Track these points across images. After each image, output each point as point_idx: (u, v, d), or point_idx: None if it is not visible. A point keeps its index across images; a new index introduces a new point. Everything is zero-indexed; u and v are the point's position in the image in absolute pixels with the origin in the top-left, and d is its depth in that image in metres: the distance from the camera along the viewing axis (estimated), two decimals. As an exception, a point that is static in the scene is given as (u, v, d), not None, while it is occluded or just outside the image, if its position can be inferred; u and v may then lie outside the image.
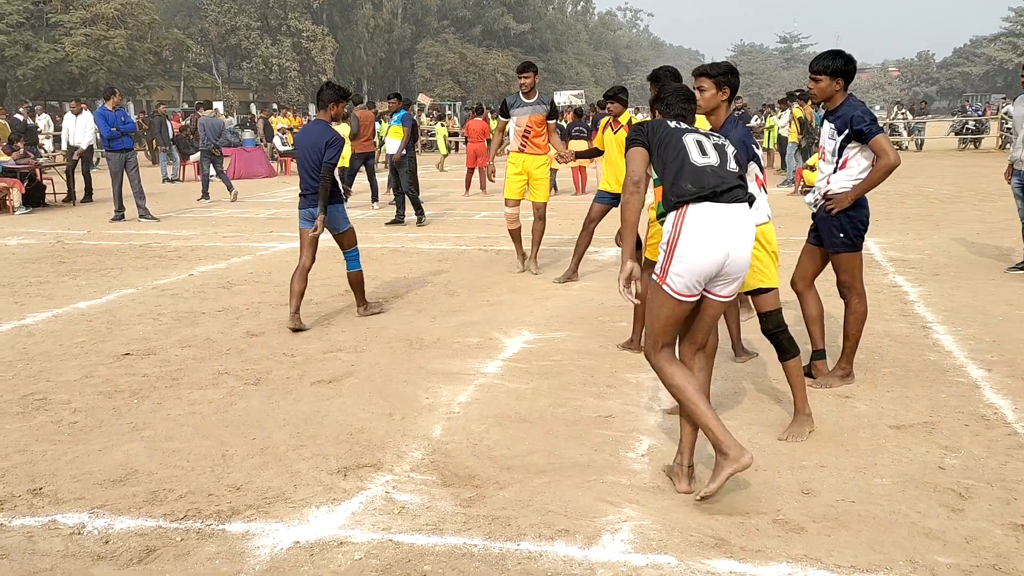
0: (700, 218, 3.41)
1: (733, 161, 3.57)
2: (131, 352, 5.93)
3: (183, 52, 50.32)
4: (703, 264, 3.40)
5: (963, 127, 29.45)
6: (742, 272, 3.51)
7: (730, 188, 3.45)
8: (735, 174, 3.52)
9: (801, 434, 4.23)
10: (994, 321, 6.33)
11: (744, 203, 3.51)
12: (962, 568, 3.02)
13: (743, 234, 3.47)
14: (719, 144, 3.59)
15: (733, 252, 3.42)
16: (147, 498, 3.67)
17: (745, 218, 3.49)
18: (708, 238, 3.40)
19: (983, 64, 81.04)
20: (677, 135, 3.54)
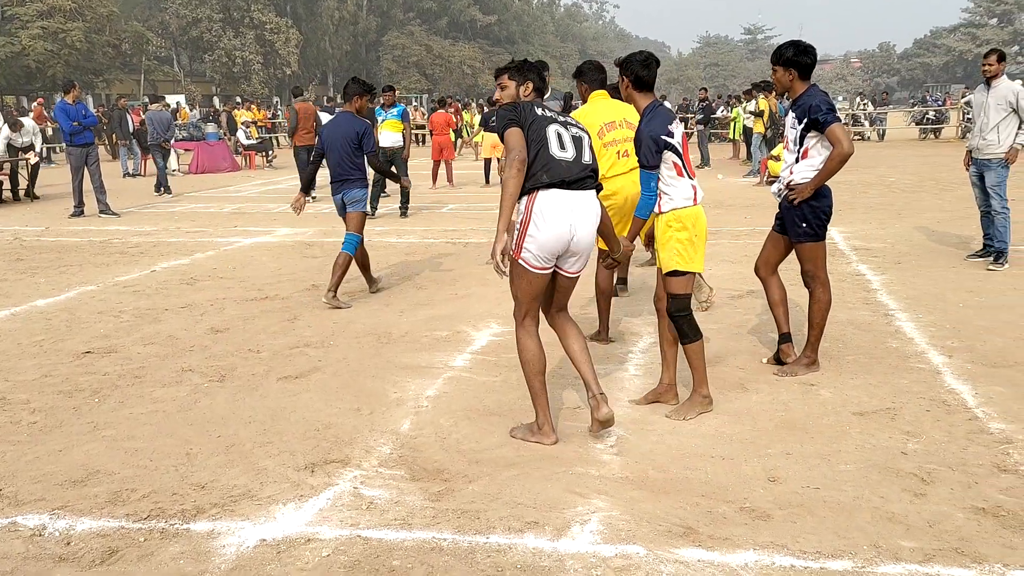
0: (549, 202, 3.84)
1: (588, 153, 3.97)
2: (92, 350, 5.83)
3: (143, 45, 49.56)
4: (552, 242, 3.85)
5: (923, 117, 29.86)
6: (586, 249, 3.96)
7: (580, 179, 3.89)
8: (587, 166, 3.93)
9: (688, 412, 4.40)
10: (954, 308, 6.43)
11: (591, 191, 3.96)
12: (925, 552, 3.06)
13: (587, 216, 3.91)
14: (577, 136, 3.97)
15: (578, 232, 3.87)
16: (109, 498, 3.61)
17: (590, 203, 3.94)
18: (556, 220, 3.83)
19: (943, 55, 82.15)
20: (542, 123, 3.89)
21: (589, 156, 3.96)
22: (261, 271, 8.60)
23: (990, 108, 7.77)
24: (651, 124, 4.31)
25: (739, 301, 6.85)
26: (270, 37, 55.48)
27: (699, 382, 4.45)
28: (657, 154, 4.28)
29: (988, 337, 5.64)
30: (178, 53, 60.21)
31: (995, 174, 7.87)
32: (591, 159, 3.97)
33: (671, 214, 4.37)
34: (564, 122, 3.99)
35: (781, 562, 3.01)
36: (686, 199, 4.38)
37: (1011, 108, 7.65)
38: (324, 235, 10.99)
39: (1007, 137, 7.72)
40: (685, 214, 4.37)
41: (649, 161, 4.28)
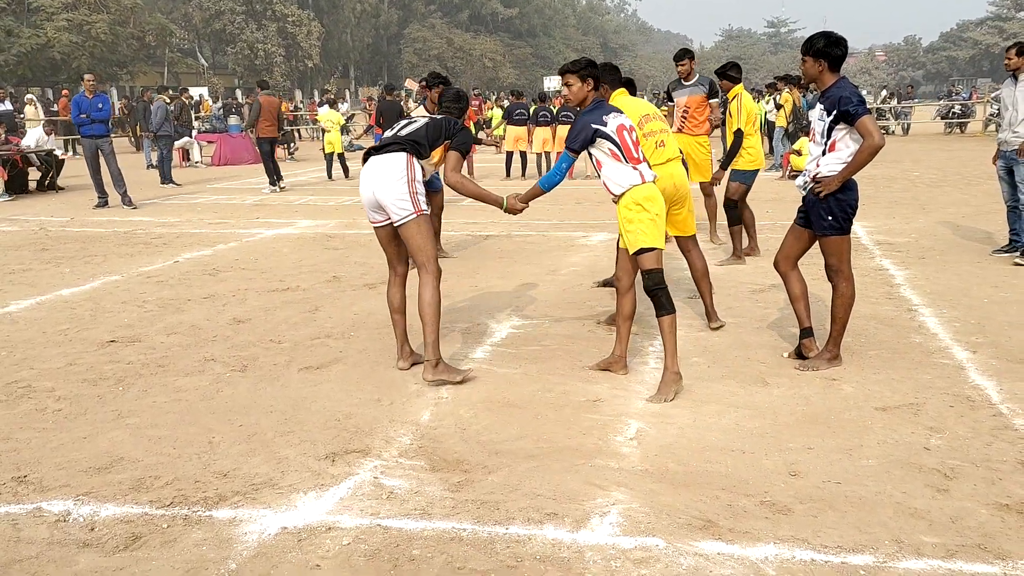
0: (363, 169, 4.85)
1: (408, 131, 4.87)
2: (116, 339, 5.89)
3: (166, 37, 49.84)
4: (364, 199, 4.83)
5: (949, 111, 29.52)
6: (387, 200, 4.69)
7: (383, 146, 4.80)
8: (398, 138, 4.82)
9: (667, 394, 4.53)
10: (979, 303, 6.36)
11: (392, 153, 4.74)
12: (947, 547, 3.04)
13: (376, 173, 4.74)
14: (411, 121, 4.98)
15: (376, 188, 4.72)
16: (133, 485, 3.65)
17: (382, 163, 4.73)
18: (363, 181, 4.82)
19: (969, 48, 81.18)
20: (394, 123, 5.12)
21: (407, 132, 4.85)
22: (283, 262, 8.65)
23: (1019, 102, 7.65)
24: (592, 114, 4.70)
25: (760, 295, 6.81)
26: (292, 30, 55.68)
27: (671, 359, 4.63)
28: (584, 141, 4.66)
29: (1013, 333, 5.58)
30: (201, 45, 60.54)
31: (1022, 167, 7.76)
32: (408, 134, 4.84)
33: (627, 196, 4.66)
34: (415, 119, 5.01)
35: (802, 556, 3.00)
36: (631, 181, 4.66)
37: None
38: (345, 227, 11.03)
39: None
40: (640, 195, 4.64)
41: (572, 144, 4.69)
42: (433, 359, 4.74)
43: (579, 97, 4.79)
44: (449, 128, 4.96)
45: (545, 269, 8.11)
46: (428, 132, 4.87)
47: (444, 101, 5.28)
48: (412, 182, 4.71)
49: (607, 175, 4.72)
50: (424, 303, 4.73)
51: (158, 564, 3.04)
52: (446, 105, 5.25)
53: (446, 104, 5.26)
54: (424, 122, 4.91)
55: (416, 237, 4.73)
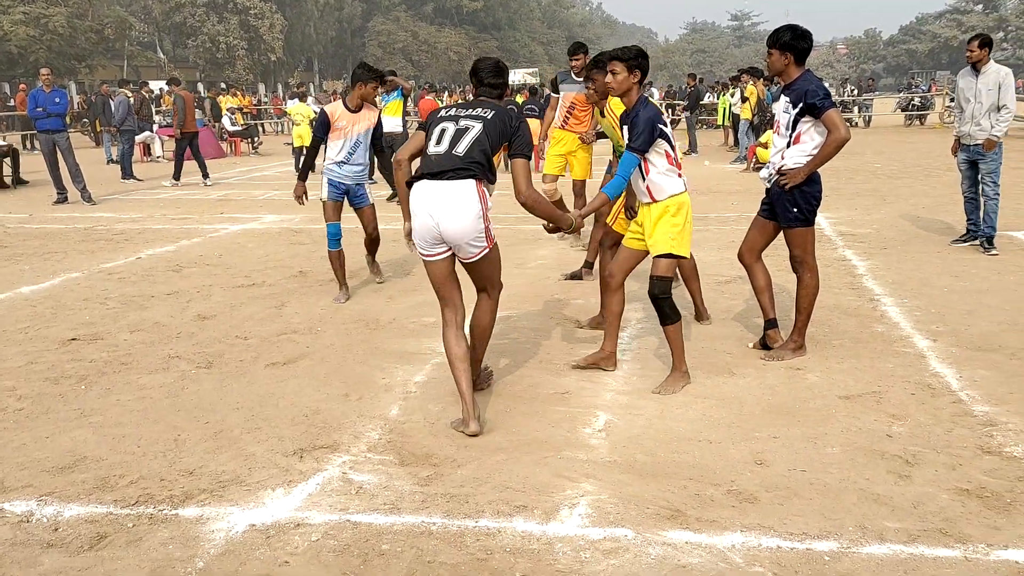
0: (416, 194, 4.04)
1: (466, 144, 3.99)
2: (77, 337, 5.80)
3: (125, 30, 49.08)
4: (422, 229, 4.03)
5: (909, 104, 29.96)
6: (461, 239, 3.99)
7: (443, 171, 3.96)
8: (457, 158, 3.97)
9: (674, 388, 4.55)
10: (939, 293, 6.48)
11: (459, 180, 3.95)
12: (910, 532, 3.09)
13: (447, 206, 3.95)
14: (463, 128, 4.03)
15: (440, 221, 3.96)
16: (97, 484, 3.60)
17: (451, 194, 3.95)
18: (419, 209, 4.01)
19: (928, 41, 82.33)
20: (434, 125, 4.11)
21: (463, 147, 3.97)
22: (248, 258, 8.56)
23: (981, 94, 7.65)
24: (647, 111, 4.40)
25: (726, 287, 6.87)
26: (254, 23, 55.02)
27: (679, 360, 4.64)
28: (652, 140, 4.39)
29: (972, 321, 5.69)
30: (161, 39, 59.66)
31: (991, 160, 7.79)
32: (466, 149, 3.97)
33: (670, 200, 4.50)
34: (457, 116, 4.09)
35: (768, 543, 3.04)
36: (683, 187, 4.55)
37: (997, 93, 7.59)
38: (311, 222, 10.94)
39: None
40: (682, 200, 4.54)
41: (642, 145, 4.37)
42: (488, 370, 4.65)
43: (622, 88, 4.46)
44: (509, 127, 4.08)
45: (512, 263, 8.10)
46: (490, 141, 4.02)
47: (483, 76, 4.22)
48: (486, 214, 4.02)
49: (656, 178, 4.46)
50: (485, 325, 4.35)
51: (124, 564, 3.00)
52: (488, 82, 4.22)
53: (488, 80, 4.22)
54: (479, 128, 4.00)
55: (488, 268, 4.20)
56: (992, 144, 7.69)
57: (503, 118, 4.06)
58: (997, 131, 7.65)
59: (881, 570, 2.87)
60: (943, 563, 2.90)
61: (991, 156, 7.78)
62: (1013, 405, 4.26)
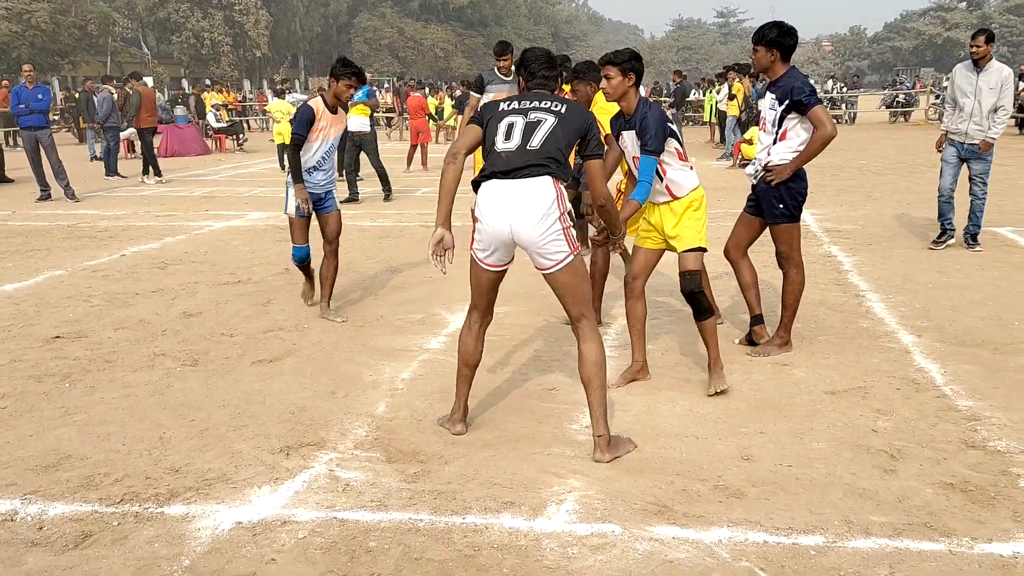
0: (486, 194, 3.64)
1: (541, 138, 3.60)
2: (61, 335, 5.75)
3: (109, 26, 48.67)
4: (493, 234, 3.65)
5: (893, 100, 30.13)
6: (537, 243, 3.58)
7: (516, 168, 3.57)
8: (532, 152, 3.58)
9: (723, 384, 4.44)
10: (923, 289, 6.52)
11: (535, 178, 3.56)
12: (895, 526, 3.11)
13: (522, 207, 3.56)
14: (534, 121, 3.64)
15: (514, 224, 3.57)
16: (82, 483, 3.58)
17: (527, 192, 3.56)
18: (491, 211, 3.62)
19: (913, 38, 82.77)
20: (497, 119, 3.71)
21: (539, 141, 3.59)
22: (233, 255, 8.52)
23: (982, 92, 7.40)
24: (653, 113, 4.34)
25: (712, 283, 6.88)
26: (239, 18, 54.71)
27: (717, 355, 4.51)
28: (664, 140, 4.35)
29: (956, 317, 5.73)
30: (145, 34, 59.25)
31: (985, 160, 7.65)
32: (541, 143, 3.58)
33: (691, 195, 4.50)
34: (525, 109, 3.68)
35: (754, 538, 3.05)
36: (696, 181, 4.57)
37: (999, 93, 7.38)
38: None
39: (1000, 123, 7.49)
40: (701, 193, 4.57)
41: (657, 147, 4.30)
42: (606, 434, 3.71)
43: (617, 93, 4.34)
44: (584, 123, 3.70)
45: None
46: (565, 137, 3.65)
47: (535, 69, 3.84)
48: (564, 215, 3.61)
49: (674, 176, 4.45)
50: (593, 362, 3.69)
51: (109, 562, 2.99)
52: (542, 75, 3.84)
53: (541, 73, 3.84)
54: (553, 122, 3.63)
55: (575, 281, 3.69)
56: (988, 146, 7.53)
57: (577, 113, 3.70)
58: (994, 133, 7.48)
59: (866, 564, 2.88)
60: (928, 557, 2.92)
61: (986, 156, 7.64)
62: (996, 400, 4.30)
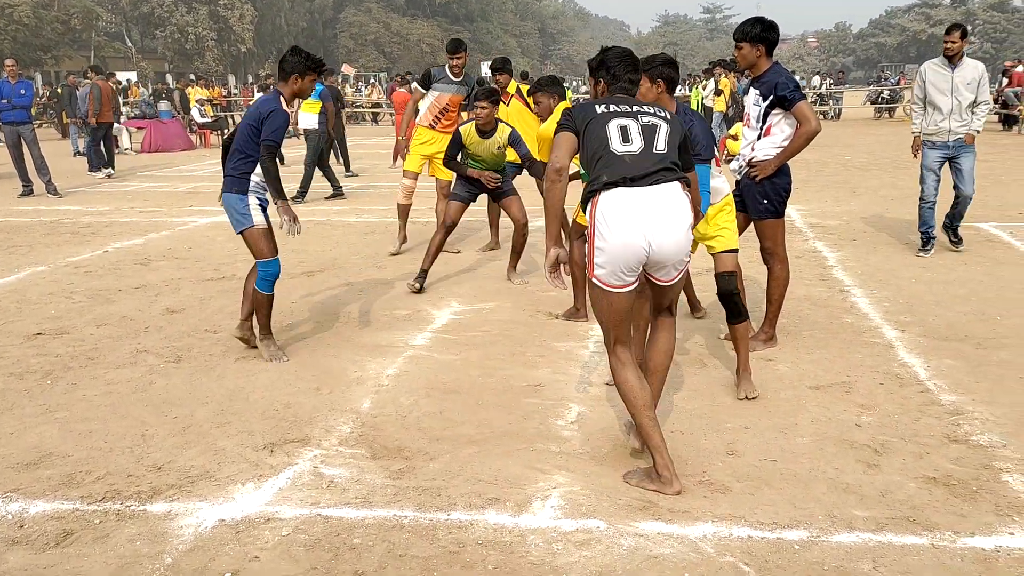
0: (613, 205, 3.19)
1: (664, 141, 3.30)
2: (43, 332, 5.70)
3: (92, 20, 48.33)
4: (624, 252, 3.17)
5: (878, 96, 30.26)
6: (676, 256, 3.26)
7: (648, 173, 3.20)
8: (660, 156, 3.26)
9: (752, 389, 4.35)
10: (907, 284, 6.55)
11: (668, 183, 3.23)
12: (878, 521, 3.12)
13: (663, 217, 3.19)
14: (650, 125, 3.31)
15: (655, 238, 3.17)
16: (63, 481, 3.55)
17: (666, 200, 3.20)
18: (623, 224, 3.17)
19: (897, 34, 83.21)
20: (602, 121, 3.30)
21: (664, 145, 3.29)
22: (217, 251, 8.47)
23: (960, 89, 7.20)
24: (695, 116, 4.33)
25: (696, 279, 6.88)
26: (224, 13, 54.41)
27: (746, 362, 4.44)
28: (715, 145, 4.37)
29: (939, 312, 5.76)
30: (129, 29, 58.82)
31: (972, 156, 7.42)
32: (666, 147, 3.30)
33: (725, 199, 4.58)
34: (636, 113, 3.34)
35: (739, 533, 3.06)
36: (728, 185, 4.63)
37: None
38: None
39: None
40: (730, 198, 4.64)
41: (710, 154, 4.28)
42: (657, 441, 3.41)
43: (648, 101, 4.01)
44: (683, 132, 3.48)
45: (486, 256, 8.10)
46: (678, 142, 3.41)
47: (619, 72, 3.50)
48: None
49: (715, 183, 4.45)
50: (671, 350, 3.60)
51: (90, 560, 2.96)
52: (628, 78, 3.52)
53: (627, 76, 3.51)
54: (667, 127, 3.35)
55: (681, 284, 3.50)
56: (972, 139, 7.33)
57: (677, 121, 3.45)
58: (977, 125, 7.31)
59: (850, 558, 2.89)
60: (910, 550, 2.93)
61: (971, 150, 7.40)
62: (979, 394, 4.32)
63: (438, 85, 7.82)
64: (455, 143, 6.66)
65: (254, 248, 5.00)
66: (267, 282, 5.04)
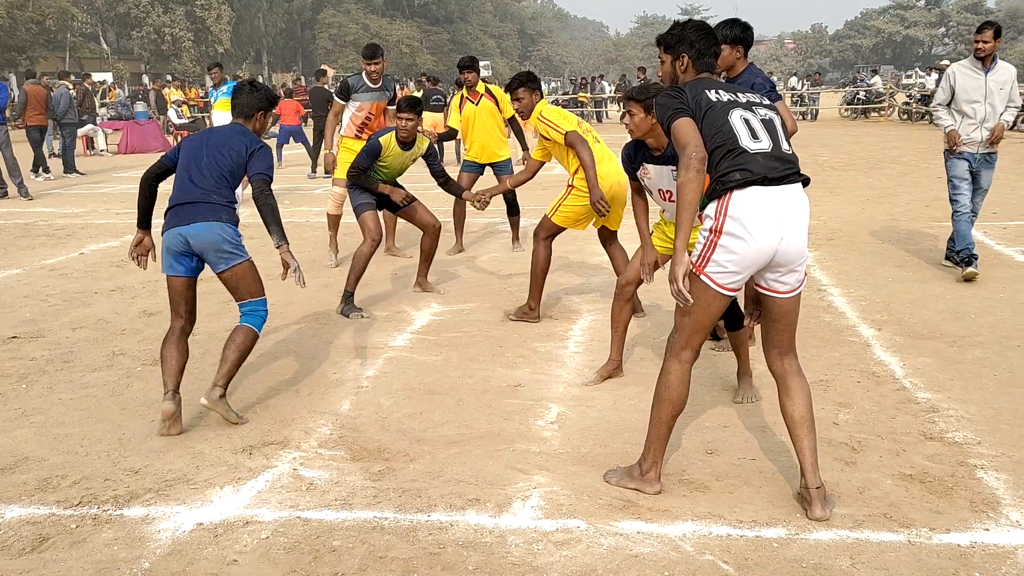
0: (750, 204, 3.02)
1: (785, 139, 3.18)
2: (17, 335, 5.64)
3: (68, 21, 47.86)
4: (757, 253, 3.04)
5: (854, 98, 30.52)
6: (797, 258, 3.12)
7: (783, 175, 3.06)
8: (790, 156, 3.14)
9: (755, 394, 4.36)
10: (884, 283, 6.61)
11: (796, 184, 3.12)
12: (855, 518, 3.15)
13: (794, 216, 3.07)
14: (768, 119, 3.16)
15: (786, 237, 3.04)
16: (39, 485, 3.51)
17: (796, 199, 3.09)
18: (758, 223, 3.01)
19: (873, 36, 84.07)
20: (722, 111, 3.10)
21: (786, 143, 3.19)
22: (195, 253, 8.39)
23: (994, 94, 6.50)
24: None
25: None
26: (201, 14, 54.09)
27: (748, 367, 4.42)
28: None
29: (915, 311, 5.82)
30: (104, 30, 58.30)
31: (993, 171, 6.78)
32: (790, 146, 3.21)
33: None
34: (748, 104, 3.18)
35: (718, 531, 3.07)
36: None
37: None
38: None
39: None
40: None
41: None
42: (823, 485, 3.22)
43: (642, 130, 4.18)
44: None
45: (465, 256, 8.10)
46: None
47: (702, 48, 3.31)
48: None
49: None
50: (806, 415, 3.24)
51: (67, 565, 2.93)
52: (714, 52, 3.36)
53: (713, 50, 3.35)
54: (779, 119, 3.24)
55: (797, 312, 3.35)
56: (1003, 129, 6.52)
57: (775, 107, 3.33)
58: (1008, 116, 6.58)
59: (828, 555, 2.91)
60: (887, 547, 2.96)
61: (993, 165, 6.73)
62: (954, 392, 4.37)
63: (357, 95, 7.50)
64: (371, 153, 6.10)
65: (251, 285, 4.34)
66: (263, 320, 4.35)
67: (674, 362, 3.26)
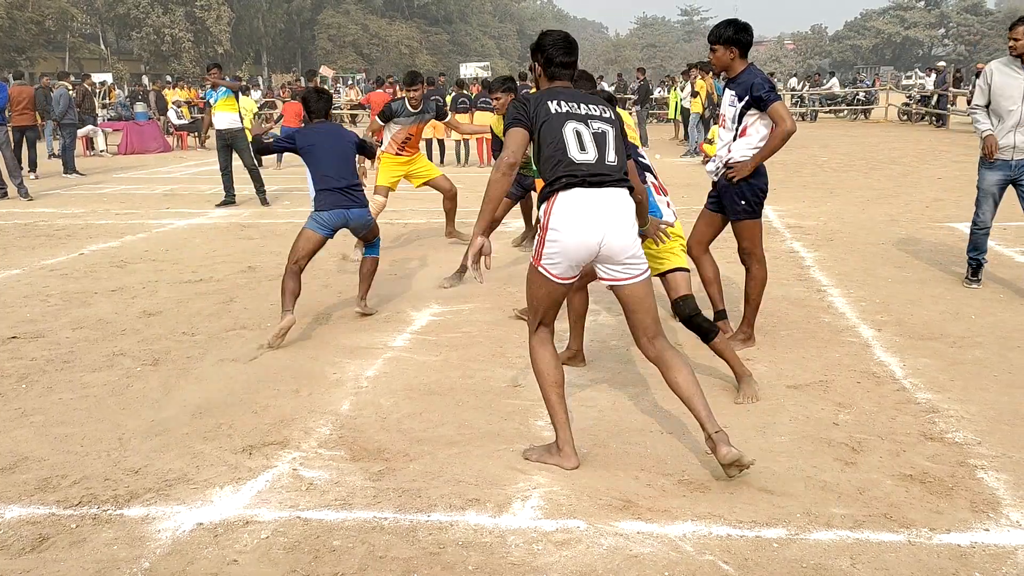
0: (571, 203, 3.36)
1: (613, 152, 3.46)
2: (17, 335, 5.64)
3: (67, 21, 47.88)
4: (578, 248, 3.36)
5: (854, 99, 30.53)
6: (623, 254, 3.41)
7: (604, 182, 3.39)
8: (612, 167, 3.42)
9: (754, 394, 4.34)
10: (883, 283, 6.61)
11: (620, 189, 3.44)
12: (855, 518, 3.15)
13: (614, 216, 3.38)
14: (599, 133, 3.46)
15: (607, 234, 3.35)
16: (39, 485, 3.51)
17: (617, 201, 3.40)
18: (579, 222, 3.34)
19: (873, 37, 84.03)
20: (557, 123, 3.43)
21: (614, 156, 3.46)
22: (195, 253, 8.41)
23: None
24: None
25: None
26: (200, 14, 54.10)
27: (740, 367, 4.41)
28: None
29: (915, 311, 5.82)
30: (104, 30, 58.30)
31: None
32: (616, 158, 3.47)
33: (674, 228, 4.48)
34: (586, 117, 3.48)
35: (718, 532, 3.07)
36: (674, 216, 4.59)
37: None
38: (260, 216, 10.80)
39: None
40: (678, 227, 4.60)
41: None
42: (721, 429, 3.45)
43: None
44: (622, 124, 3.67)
45: (464, 256, 8.09)
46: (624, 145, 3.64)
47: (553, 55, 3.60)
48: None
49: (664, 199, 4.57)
50: (689, 381, 3.52)
51: (67, 565, 2.93)
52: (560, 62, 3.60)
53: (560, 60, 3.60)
54: (614, 132, 3.52)
55: (652, 297, 3.59)
56: None
57: (619, 119, 3.62)
58: None
59: (828, 555, 2.91)
60: (887, 547, 2.96)
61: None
62: (954, 392, 4.37)
63: (399, 120, 7.88)
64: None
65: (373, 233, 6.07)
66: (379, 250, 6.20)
67: (536, 340, 3.63)
